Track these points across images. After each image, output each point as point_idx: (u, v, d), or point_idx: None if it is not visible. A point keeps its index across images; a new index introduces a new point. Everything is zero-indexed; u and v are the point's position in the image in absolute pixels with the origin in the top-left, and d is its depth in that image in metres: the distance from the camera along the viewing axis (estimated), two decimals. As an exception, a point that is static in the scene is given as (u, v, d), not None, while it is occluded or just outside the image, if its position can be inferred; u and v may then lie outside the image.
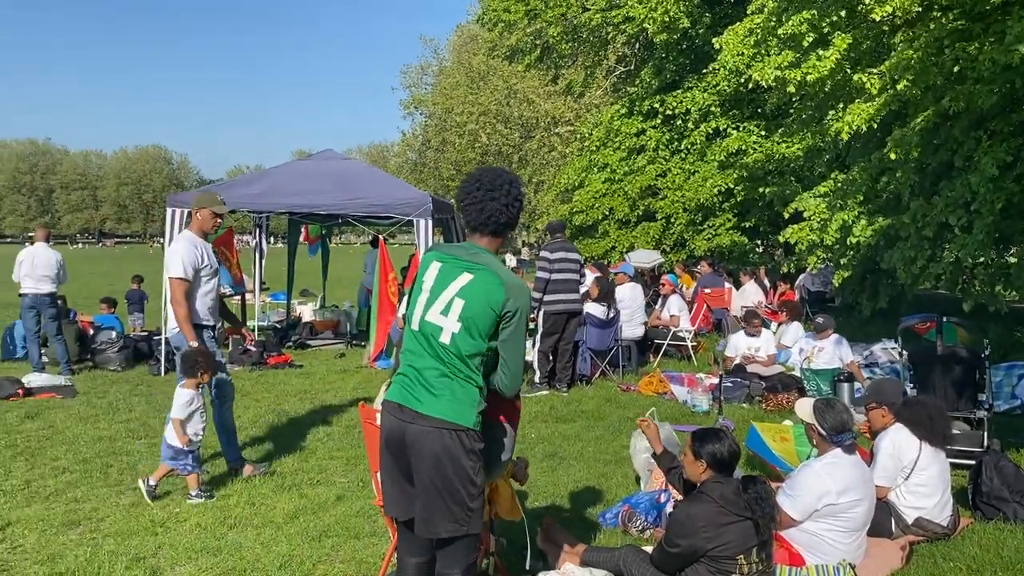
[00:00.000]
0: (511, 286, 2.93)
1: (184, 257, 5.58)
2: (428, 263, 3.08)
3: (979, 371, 6.01)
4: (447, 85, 42.97)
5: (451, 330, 2.93)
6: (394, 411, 2.97)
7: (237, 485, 5.54)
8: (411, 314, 3.08)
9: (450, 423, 2.88)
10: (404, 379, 3.01)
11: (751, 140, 16.43)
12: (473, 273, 2.96)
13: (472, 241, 3.11)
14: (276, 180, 10.85)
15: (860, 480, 4.07)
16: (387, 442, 3.00)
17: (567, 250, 9.14)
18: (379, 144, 79.29)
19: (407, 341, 3.07)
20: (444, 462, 2.86)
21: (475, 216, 3.05)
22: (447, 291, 2.97)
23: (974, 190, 7.17)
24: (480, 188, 3.04)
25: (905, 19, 7.87)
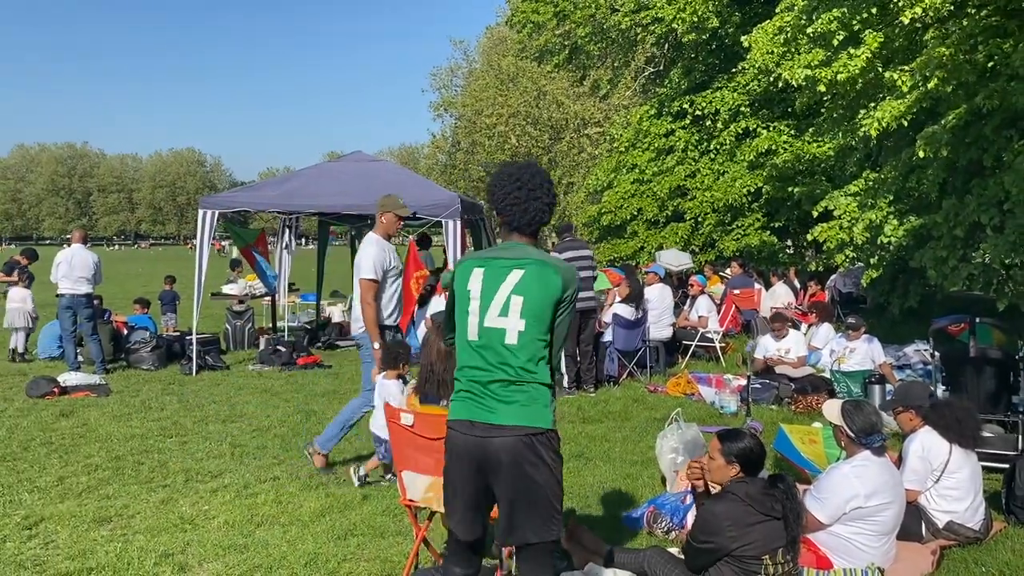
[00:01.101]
0: (565, 271, 2.93)
1: (375, 259, 5.79)
2: (467, 272, 2.98)
3: (1013, 373, 5.91)
4: (476, 87, 43.03)
5: (516, 329, 2.86)
6: (465, 428, 2.88)
7: (265, 484, 5.60)
8: (463, 328, 2.96)
9: (529, 428, 2.82)
10: (469, 395, 2.91)
11: (781, 140, 16.26)
12: (524, 268, 2.90)
13: (511, 240, 3.04)
14: (305, 181, 10.95)
15: (889, 483, 4.01)
16: (461, 460, 2.90)
17: (576, 248, 9.09)
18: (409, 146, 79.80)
19: (465, 357, 2.95)
20: (527, 469, 2.80)
21: (519, 217, 2.99)
22: (500, 292, 2.89)
23: (1007, 189, 7.05)
24: (521, 188, 2.98)
25: (937, 17, 7.75)
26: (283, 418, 7.61)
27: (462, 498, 2.93)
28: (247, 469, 5.97)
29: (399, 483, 3.98)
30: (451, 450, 2.94)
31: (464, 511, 2.94)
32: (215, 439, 6.83)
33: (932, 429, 4.58)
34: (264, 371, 10.16)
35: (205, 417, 7.68)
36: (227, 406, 8.15)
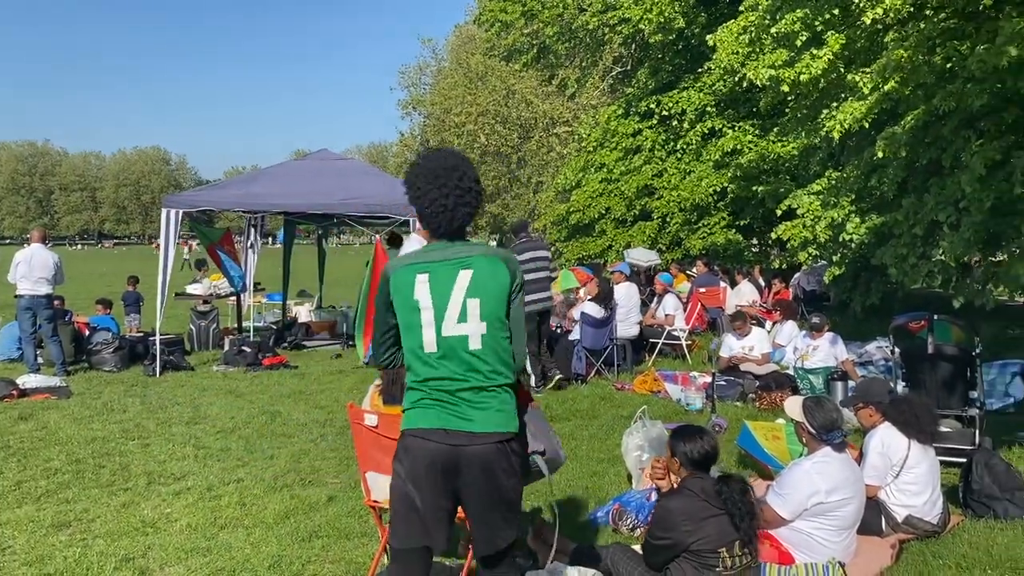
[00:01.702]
0: (509, 260, 2.82)
1: None
2: (409, 280, 2.76)
3: (971, 369, 6.01)
4: (445, 85, 42.97)
5: (479, 333, 2.73)
6: (438, 437, 2.70)
7: (229, 486, 5.54)
8: (415, 340, 2.76)
9: (503, 434, 2.74)
10: (439, 404, 2.73)
11: (746, 140, 16.47)
12: (471, 267, 2.75)
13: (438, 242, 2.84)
14: (271, 180, 10.86)
15: (850, 479, 4.07)
16: (430, 470, 2.71)
17: (535, 248, 9.08)
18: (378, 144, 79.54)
19: (422, 369, 2.76)
20: (501, 476, 2.72)
21: (445, 225, 2.79)
22: (454, 297, 2.73)
23: (963, 188, 7.18)
24: (449, 195, 2.74)
25: (897, 19, 7.86)
26: (248, 419, 7.54)
27: (431, 510, 2.74)
28: (211, 471, 5.91)
29: (363, 484, 3.96)
30: (416, 460, 2.73)
31: (426, 518, 2.75)
32: (178, 441, 6.75)
33: (891, 425, 4.66)
34: (229, 372, 10.05)
35: (168, 419, 7.58)
36: (191, 407, 8.06)
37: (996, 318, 10.92)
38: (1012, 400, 7.89)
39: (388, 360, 3.00)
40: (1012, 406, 7.77)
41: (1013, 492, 4.81)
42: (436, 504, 2.74)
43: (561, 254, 19.46)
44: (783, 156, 14.70)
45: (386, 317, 2.89)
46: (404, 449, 2.78)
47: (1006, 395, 7.99)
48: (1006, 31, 6.56)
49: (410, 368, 2.81)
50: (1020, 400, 7.90)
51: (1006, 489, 4.82)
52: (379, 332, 2.96)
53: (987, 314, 8.29)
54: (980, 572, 4.06)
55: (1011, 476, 4.90)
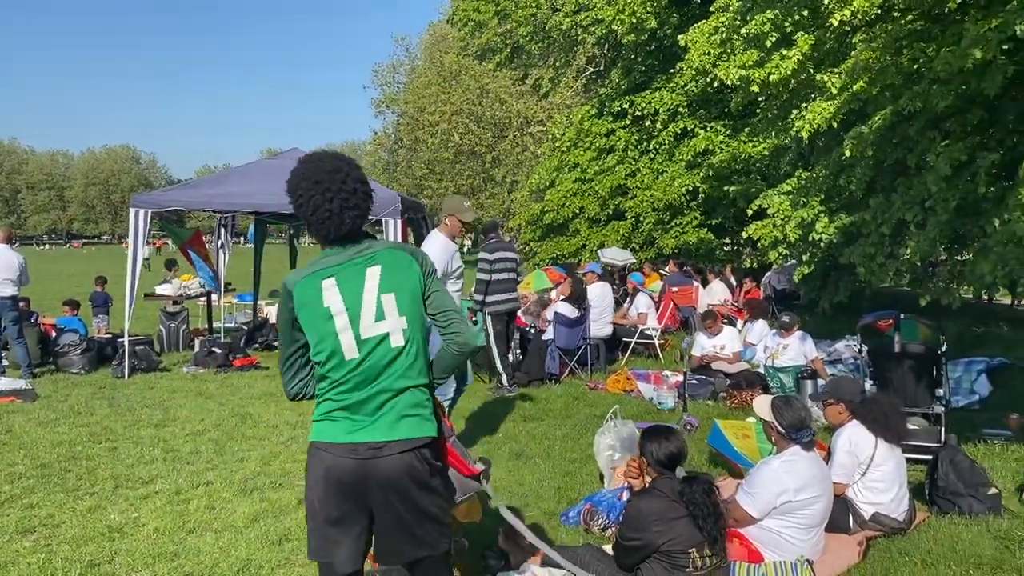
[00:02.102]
0: (414, 251, 2.75)
1: (438, 260, 5.78)
2: (315, 288, 2.62)
3: (936, 367, 6.10)
4: (419, 84, 42.89)
5: (400, 328, 2.63)
6: (344, 452, 2.58)
7: (198, 489, 5.48)
8: (335, 348, 2.61)
9: (419, 440, 2.62)
10: (348, 414, 2.61)
11: (718, 140, 16.62)
12: (378, 263, 2.65)
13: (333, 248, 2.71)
14: (242, 179, 10.74)
15: (818, 477, 4.11)
16: (342, 486, 2.58)
17: (505, 249, 9.05)
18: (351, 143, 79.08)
19: (337, 376, 2.62)
20: (419, 484, 2.61)
21: (334, 231, 2.64)
22: (366, 296, 2.62)
23: (929, 188, 7.30)
24: (332, 199, 2.59)
25: (865, 21, 7.96)
26: (218, 421, 7.46)
27: (341, 525, 2.61)
28: (179, 474, 5.83)
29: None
30: (327, 476, 2.59)
31: (351, 540, 2.63)
32: (147, 444, 6.66)
33: (859, 423, 4.71)
34: (199, 373, 9.94)
35: (137, 421, 7.48)
36: (160, 410, 7.96)
37: (962, 316, 11.08)
38: (977, 397, 8.01)
39: (298, 389, 2.78)
40: (977, 403, 7.89)
41: (977, 488, 4.88)
42: (342, 520, 2.61)
43: (535, 253, 19.51)
44: (754, 156, 14.86)
45: (292, 335, 2.70)
46: (312, 463, 2.65)
47: (971, 392, 8.12)
48: (970, 34, 6.66)
49: (324, 381, 2.66)
50: (985, 397, 8.03)
51: (970, 485, 4.89)
52: (284, 355, 2.75)
53: (953, 312, 8.42)
54: (945, 568, 4.11)
55: (975, 472, 4.97)
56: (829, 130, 8.95)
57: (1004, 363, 8.90)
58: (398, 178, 43.64)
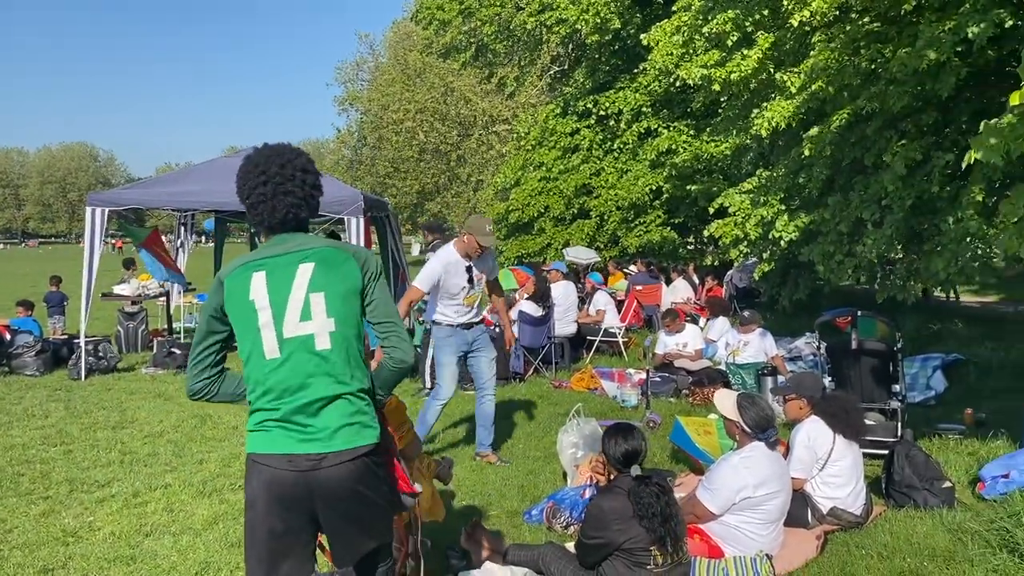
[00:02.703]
0: (357, 252, 2.62)
1: (430, 272, 5.91)
2: (244, 280, 2.51)
3: (893, 363, 6.20)
4: (383, 82, 42.60)
5: (326, 330, 2.49)
6: (282, 464, 2.44)
7: (156, 492, 5.39)
8: (254, 347, 2.48)
9: (358, 448, 2.49)
10: (282, 424, 2.46)
11: (681, 140, 16.76)
12: (311, 259, 2.53)
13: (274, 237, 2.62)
14: (201, 177, 10.60)
15: (776, 472, 4.16)
16: (282, 501, 2.45)
17: None
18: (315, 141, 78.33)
19: (263, 379, 2.48)
20: (363, 492, 2.50)
21: (268, 216, 2.55)
22: (294, 293, 2.49)
23: (885, 187, 7.43)
24: (268, 182, 2.52)
25: (824, 21, 8.08)
26: (177, 423, 7.35)
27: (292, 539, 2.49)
28: (137, 477, 5.74)
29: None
30: (268, 490, 2.46)
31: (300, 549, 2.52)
32: (103, 447, 6.55)
33: (818, 419, 4.77)
34: (158, 374, 9.80)
35: (93, 424, 7.35)
36: (117, 412, 7.82)
37: (918, 313, 11.30)
38: (933, 393, 8.16)
39: (200, 387, 2.61)
40: (933, 399, 8.04)
41: (932, 482, 4.97)
42: (287, 532, 2.49)
43: (501, 252, 19.50)
44: (716, 156, 15.01)
45: (209, 327, 2.57)
46: (250, 477, 2.52)
47: (927, 388, 8.26)
48: (925, 35, 6.79)
49: (249, 382, 2.53)
50: (941, 393, 8.18)
51: (925, 479, 4.98)
52: (195, 347, 2.61)
53: (909, 309, 8.59)
54: (900, 560, 4.18)
55: (930, 466, 5.06)
56: (789, 129, 9.08)
57: (959, 359, 9.08)
58: (362, 176, 43.32)
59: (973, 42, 6.51)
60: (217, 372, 2.63)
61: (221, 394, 2.65)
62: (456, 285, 5.96)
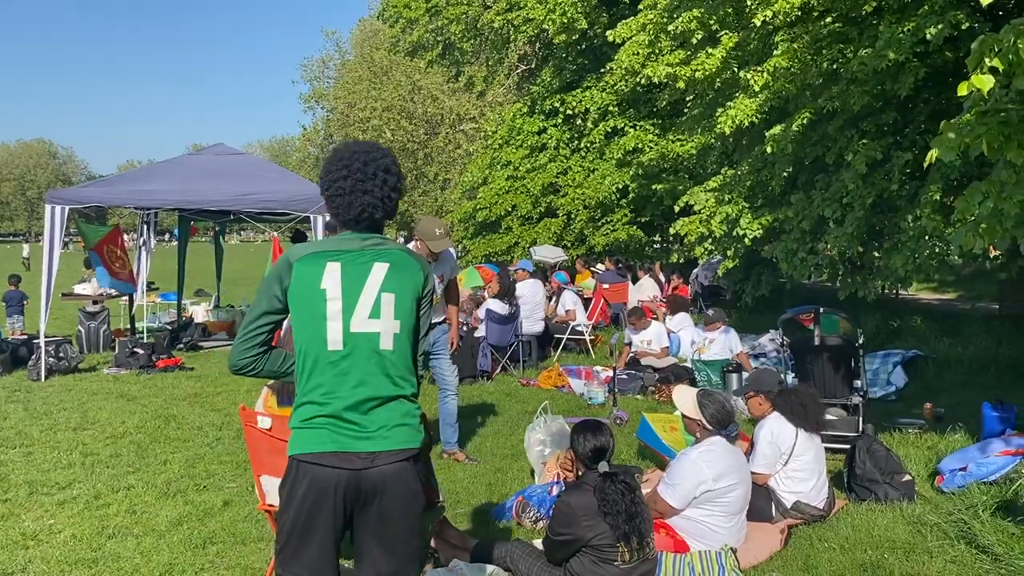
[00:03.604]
0: (424, 264, 2.64)
1: None
2: (318, 267, 2.48)
3: (854, 359, 6.30)
4: (349, 79, 42.34)
5: (391, 332, 2.47)
6: (333, 462, 2.38)
7: (118, 494, 5.31)
8: (317, 337, 2.45)
9: (408, 450, 2.46)
10: (333, 421, 2.41)
11: (647, 139, 16.87)
12: (388, 260, 2.53)
13: (348, 232, 2.61)
14: (164, 175, 10.46)
15: (734, 465, 4.21)
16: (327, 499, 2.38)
17: None
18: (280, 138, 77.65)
19: (321, 371, 2.44)
20: (408, 497, 2.44)
21: (343, 211, 2.54)
22: (367, 290, 2.47)
23: (846, 185, 7.56)
24: (348, 176, 2.52)
25: (787, 21, 8.20)
26: (140, 424, 7.25)
27: (321, 544, 2.42)
28: (99, 479, 5.65)
29: (257, 488, 3.86)
30: (307, 490, 2.40)
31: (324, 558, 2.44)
32: (64, 448, 6.43)
33: (780, 415, 4.84)
34: (120, 375, 9.65)
35: (54, 425, 7.21)
36: (78, 413, 7.69)
37: (879, 310, 11.49)
38: (894, 388, 8.31)
39: (245, 363, 2.57)
40: (894, 394, 8.19)
41: (892, 475, 5.06)
42: (330, 539, 2.43)
43: (468, 251, 19.50)
44: (682, 155, 15.14)
45: (270, 304, 2.53)
46: (293, 478, 2.44)
47: (888, 383, 8.41)
48: (885, 35, 6.92)
49: (303, 374, 2.47)
50: (901, 388, 8.34)
51: (886, 473, 5.07)
52: (249, 321, 2.57)
53: (871, 306, 8.73)
54: (861, 552, 4.26)
55: (891, 460, 5.15)
56: (752, 128, 9.20)
57: (919, 355, 9.25)
58: (328, 175, 43.01)
59: (931, 43, 6.65)
60: (264, 350, 2.59)
61: (266, 370, 2.61)
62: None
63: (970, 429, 6.20)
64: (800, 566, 4.15)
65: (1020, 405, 6.31)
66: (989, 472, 5.05)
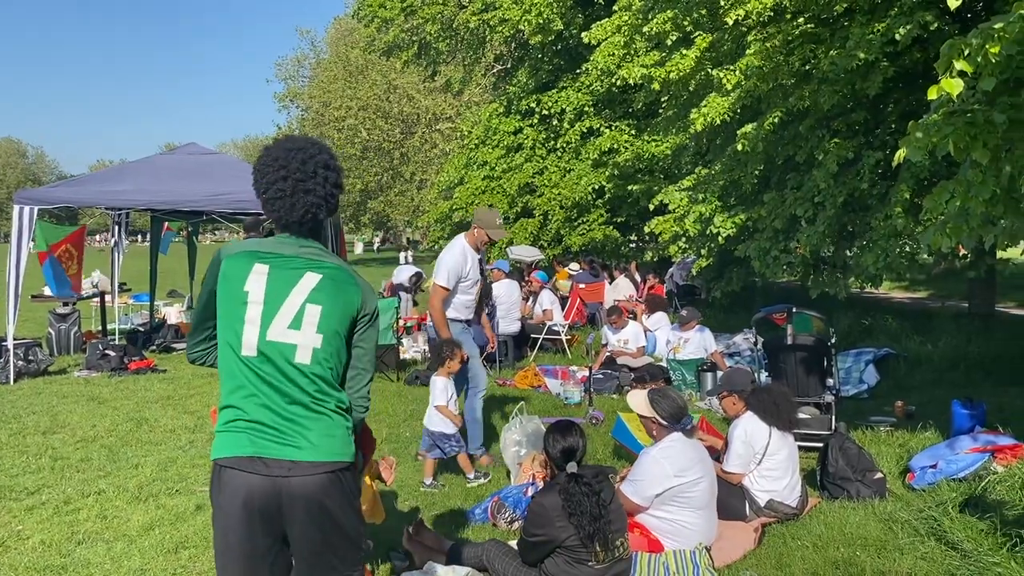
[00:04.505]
0: (364, 286, 2.51)
1: (450, 267, 5.93)
2: (244, 267, 2.39)
3: (827, 358, 6.36)
4: (324, 79, 42.16)
5: (310, 345, 2.36)
6: (254, 467, 2.30)
7: (88, 499, 5.24)
8: (231, 337, 2.37)
9: (336, 463, 2.36)
10: (255, 426, 2.32)
11: (623, 139, 16.95)
12: (321, 272, 2.42)
13: (286, 235, 2.51)
14: (135, 175, 10.34)
15: (695, 459, 4.24)
16: (247, 508, 2.30)
17: None
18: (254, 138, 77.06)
19: (236, 376, 2.36)
20: (335, 511, 2.35)
21: (285, 214, 2.43)
22: (291, 299, 2.37)
23: (818, 184, 7.64)
24: (288, 177, 2.40)
25: (759, 21, 8.27)
26: (111, 427, 7.15)
27: (247, 556, 2.33)
28: (69, 483, 5.57)
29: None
30: (228, 495, 2.31)
31: (249, 569, 2.35)
32: (33, 453, 6.33)
33: (753, 414, 4.87)
34: (92, 377, 9.52)
35: (22, 429, 7.10)
36: (48, 416, 7.58)
37: (852, 308, 11.61)
38: (866, 386, 8.39)
39: (199, 355, 2.57)
40: (866, 392, 8.27)
41: (864, 473, 5.11)
42: (253, 548, 2.33)
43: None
44: (657, 155, 15.22)
45: (207, 304, 2.47)
46: (216, 483, 2.36)
47: (860, 382, 8.50)
48: (855, 36, 6.99)
49: (224, 375, 2.40)
50: (873, 386, 8.42)
51: (858, 471, 5.12)
52: (197, 316, 2.54)
53: (844, 305, 8.82)
54: (834, 550, 4.29)
55: (863, 458, 5.20)
56: (726, 128, 9.27)
57: (890, 353, 9.35)
58: (304, 174, 42.77)
59: (900, 43, 6.73)
60: (215, 344, 2.51)
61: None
62: (472, 279, 6.07)
63: (940, 426, 6.27)
64: (774, 564, 4.18)
65: (989, 402, 6.40)
66: (959, 469, 5.11)
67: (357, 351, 2.50)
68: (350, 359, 2.50)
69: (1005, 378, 8.08)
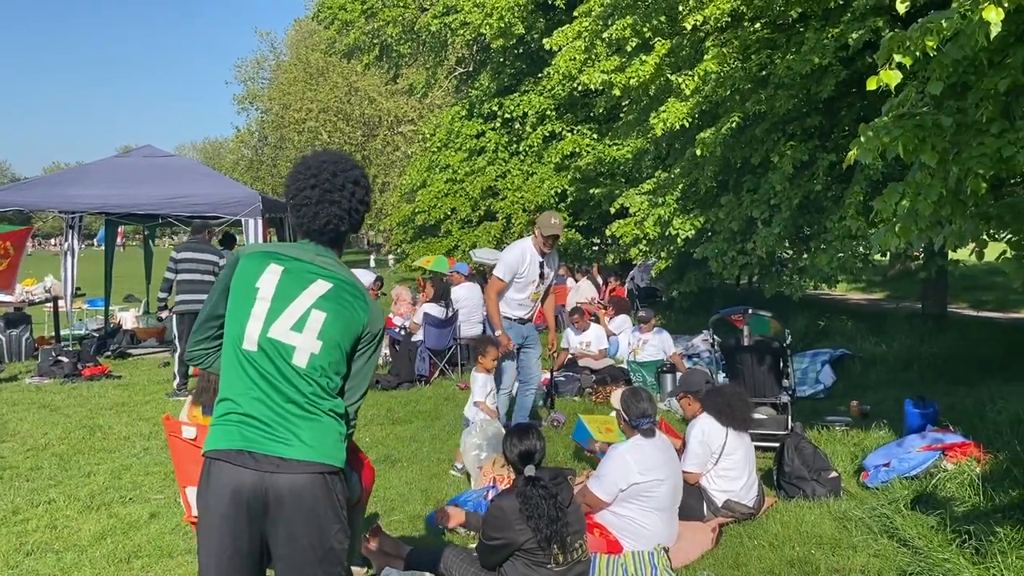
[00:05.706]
0: (373, 307, 2.52)
1: (510, 262, 6.23)
2: (260, 266, 2.45)
3: (783, 359, 6.44)
4: (284, 81, 41.79)
5: (309, 349, 2.38)
6: (243, 461, 2.30)
7: (38, 508, 5.12)
8: (238, 330, 2.41)
9: (325, 465, 2.35)
10: (247, 420, 2.34)
11: (584, 143, 17.05)
12: (332, 282, 2.45)
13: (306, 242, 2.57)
14: (90, 178, 10.18)
15: (661, 460, 4.28)
16: (234, 502, 2.29)
17: (202, 252, 8.84)
18: (214, 140, 76.08)
19: (235, 369, 2.40)
20: (320, 515, 2.32)
21: (308, 221, 2.51)
22: (298, 301, 2.41)
23: (774, 187, 7.76)
24: (316, 186, 2.48)
25: (717, 27, 8.37)
26: (63, 435, 7.00)
27: (230, 552, 2.32)
28: (17, 493, 5.44)
29: (183, 500, 3.77)
30: (216, 489, 2.32)
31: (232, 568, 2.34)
32: (-20, 462, 6.17)
33: (709, 415, 4.92)
34: (43, 384, 9.31)
35: (-30, 438, 6.92)
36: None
37: (808, 309, 11.78)
38: (822, 387, 8.51)
39: (199, 354, 2.63)
40: (822, 392, 8.38)
41: (820, 472, 5.18)
42: (234, 548, 2.32)
43: (407, 255, 19.41)
44: (618, 159, 15.33)
45: (217, 303, 2.53)
46: (204, 478, 2.37)
47: (816, 382, 8.62)
48: (810, 41, 7.11)
49: (224, 368, 2.44)
50: (829, 386, 8.54)
51: (813, 470, 5.19)
52: (201, 318, 2.59)
53: (800, 306, 8.95)
54: (790, 549, 4.34)
55: (818, 457, 5.27)
56: (685, 132, 9.37)
57: (846, 354, 9.49)
58: (263, 177, 42.37)
59: (852, 48, 6.87)
60: (216, 345, 2.57)
61: (215, 367, 2.57)
62: (528, 279, 6.23)
63: (893, 426, 6.38)
64: (731, 564, 4.21)
65: (940, 401, 6.53)
66: (911, 467, 5.21)
67: (353, 368, 2.52)
68: (349, 373, 2.51)
69: (956, 377, 8.25)
